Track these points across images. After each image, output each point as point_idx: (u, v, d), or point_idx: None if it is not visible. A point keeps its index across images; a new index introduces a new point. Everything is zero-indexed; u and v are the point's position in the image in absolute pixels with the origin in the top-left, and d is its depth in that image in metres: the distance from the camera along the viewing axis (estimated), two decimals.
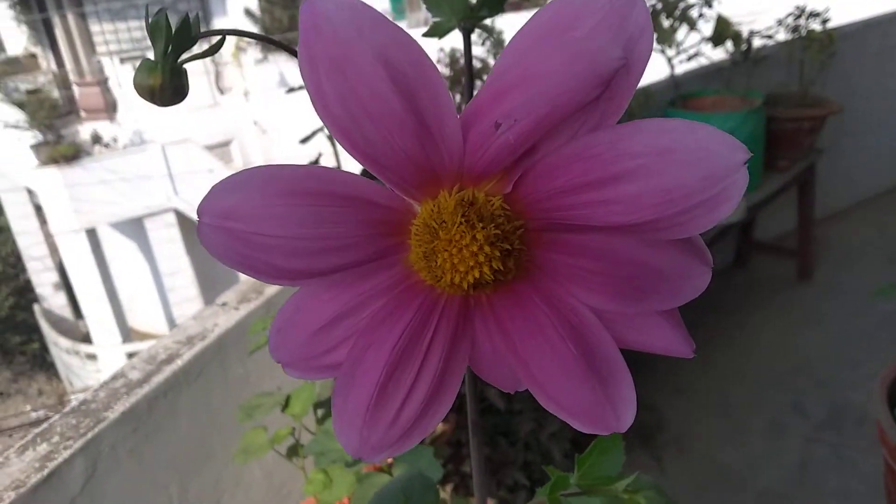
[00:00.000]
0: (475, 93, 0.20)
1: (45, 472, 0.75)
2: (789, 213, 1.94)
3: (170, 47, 0.28)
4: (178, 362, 0.91)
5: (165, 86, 0.27)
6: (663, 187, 0.18)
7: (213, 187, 0.20)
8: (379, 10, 0.18)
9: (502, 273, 0.21)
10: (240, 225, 0.20)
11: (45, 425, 0.83)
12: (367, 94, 0.19)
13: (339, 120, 0.19)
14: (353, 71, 0.18)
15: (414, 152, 0.20)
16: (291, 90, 1.02)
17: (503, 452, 1.16)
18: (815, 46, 1.68)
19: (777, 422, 1.58)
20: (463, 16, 0.32)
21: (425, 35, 0.33)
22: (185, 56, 0.29)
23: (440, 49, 1.35)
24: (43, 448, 0.79)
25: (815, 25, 1.69)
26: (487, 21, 0.33)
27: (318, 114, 0.19)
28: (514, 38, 0.19)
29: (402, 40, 0.19)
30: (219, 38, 0.30)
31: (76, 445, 0.78)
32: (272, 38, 0.28)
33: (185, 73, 0.29)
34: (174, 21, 0.26)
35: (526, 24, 0.19)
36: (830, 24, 1.72)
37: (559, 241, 0.21)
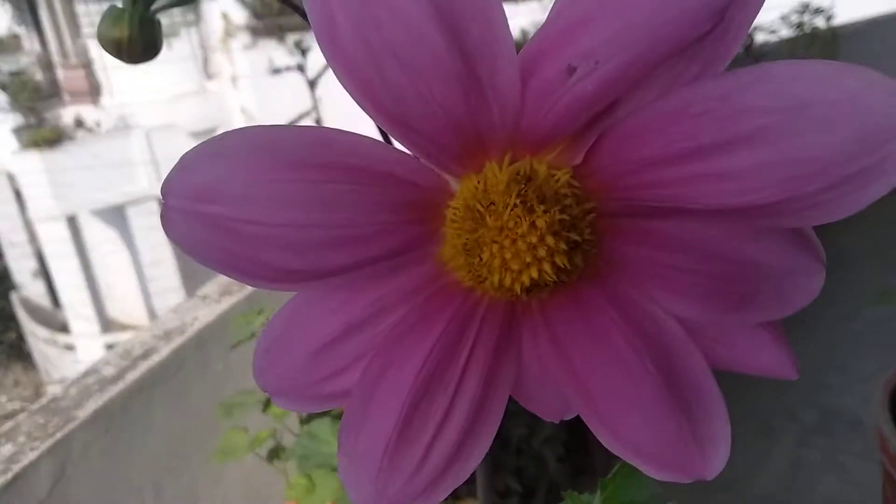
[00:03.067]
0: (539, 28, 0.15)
1: (10, 474, 0.71)
2: None
3: None
4: (155, 358, 0.86)
5: (134, 38, 0.23)
6: (797, 156, 0.13)
7: (183, 157, 0.15)
8: None
9: (566, 272, 0.16)
10: (220, 209, 0.15)
11: (9, 424, 0.78)
12: (396, 24, 0.13)
13: (355, 63, 0.14)
14: None
15: (455, 109, 0.14)
16: (277, 71, 0.97)
17: (494, 457, 1.12)
18: (818, 44, 1.66)
19: (769, 427, 1.56)
20: None
21: None
22: (157, 4, 0.24)
23: None
24: (7, 449, 0.74)
25: (819, 22, 1.67)
26: None
27: (326, 55, 0.14)
28: None
29: None
30: None
31: (44, 446, 0.75)
32: None
33: (157, 24, 0.24)
34: None
35: None
36: (835, 22, 1.70)
37: (638, 229, 0.16)
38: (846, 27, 1.83)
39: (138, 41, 0.23)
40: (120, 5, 0.23)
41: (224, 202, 0.15)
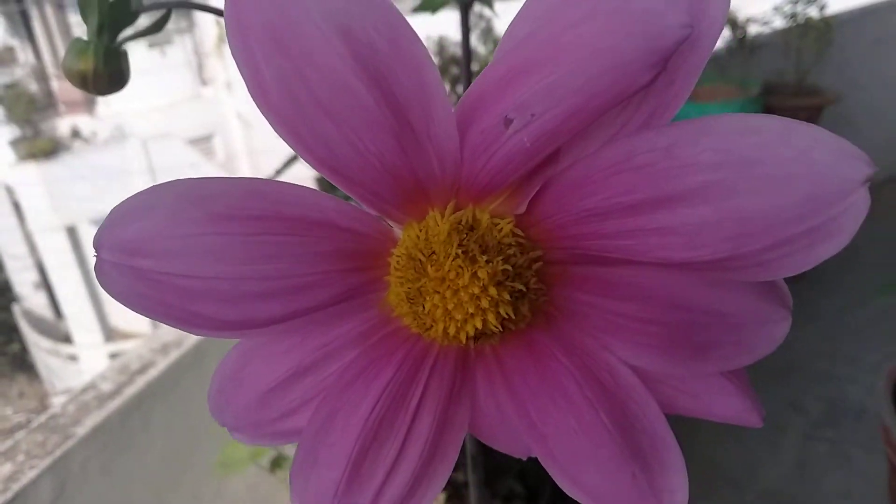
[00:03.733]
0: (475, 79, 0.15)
1: (9, 494, 0.71)
2: None
3: (104, 24, 0.23)
4: (153, 372, 0.86)
5: (100, 71, 0.23)
6: (743, 215, 0.13)
7: (113, 210, 0.15)
8: None
9: (512, 321, 0.16)
10: (149, 262, 0.14)
11: (8, 443, 0.78)
12: (321, 78, 0.13)
13: (284, 116, 0.14)
14: (299, 46, 0.13)
15: (391, 159, 0.14)
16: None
17: (498, 460, 1.12)
18: (812, 34, 1.65)
19: (775, 419, 1.55)
20: None
21: (417, 10, 0.27)
22: (123, 35, 0.24)
23: (426, 37, 1.29)
24: (7, 468, 0.74)
25: (813, 12, 1.66)
26: None
27: (258, 106, 0.14)
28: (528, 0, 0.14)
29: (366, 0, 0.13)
30: (163, 12, 0.25)
31: (43, 465, 0.74)
32: (218, 9, 0.23)
33: (124, 55, 0.24)
34: None
35: None
36: (828, 12, 1.69)
37: (591, 276, 0.16)
38: (839, 16, 1.82)
39: (104, 73, 0.23)
40: (85, 38, 0.23)
41: (152, 256, 0.15)
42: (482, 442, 0.19)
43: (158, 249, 0.14)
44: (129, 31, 0.24)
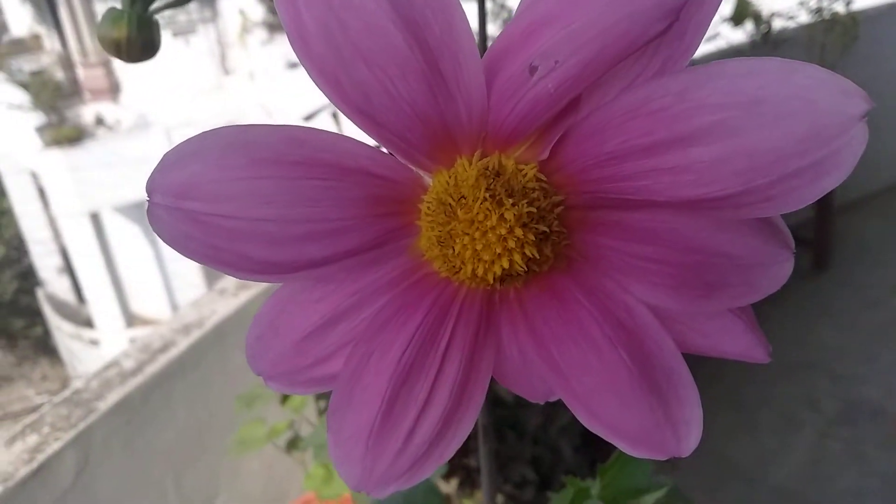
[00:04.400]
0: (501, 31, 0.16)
1: (35, 464, 0.73)
2: None
3: None
4: (174, 351, 0.88)
5: (132, 39, 0.24)
6: (750, 150, 0.14)
7: (164, 156, 0.15)
8: None
9: (537, 262, 0.17)
10: (198, 205, 0.15)
11: (34, 416, 0.80)
12: (360, 25, 0.14)
13: (323, 63, 0.15)
14: None
15: (422, 105, 0.15)
16: (295, 66, 0.98)
17: (511, 446, 1.12)
18: (837, 29, 1.63)
19: (790, 417, 1.55)
20: None
21: None
22: (156, 5, 0.25)
23: None
24: (32, 439, 0.76)
25: (839, 7, 1.64)
26: None
27: (297, 54, 0.15)
28: None
29: None
30: None
31: (67, 437, 0.76)
32: None
33: (155, 24, 0.25)
34: None
35: None
36: (854, 7, 1.67)
37: (609, 221, 0.17)
38: (866, 12, 1.80)
39: (137, 41, 0.24)
40: (119, 7, 0.24)
41: (201, 199, 0.16)
42: (504, 386, 0.20)
43: (207, 192, 0.15)
44: (160, 2, 0.25)
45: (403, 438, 0.18)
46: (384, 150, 0.17)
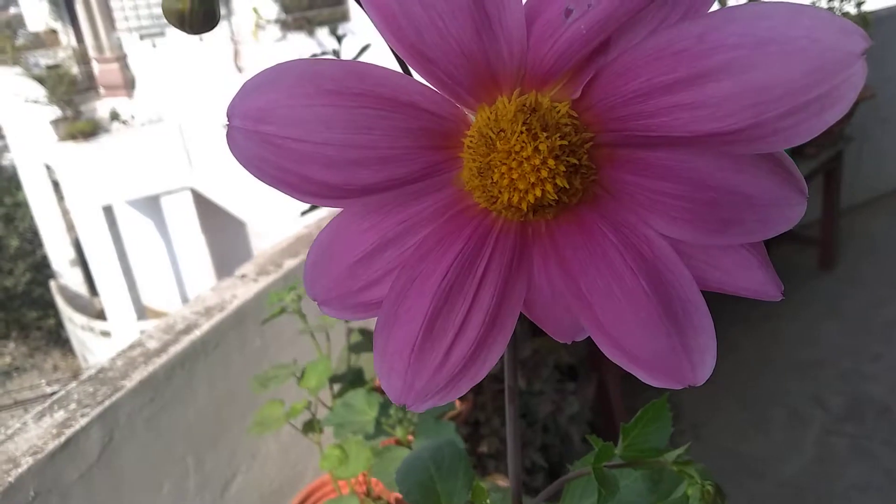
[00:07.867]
0: None
1: (63, 438, 0.74)
2: (814, 201, 1.89)
3: None
4: (197, 332, 0.90)
5: (195, 9, 0.26)
6: (759, 85, 0.15)
7: (244, 84, 0.18)
8: None
9: (567, 193, 0.18)
10: (272, 128, 0.18)
11: (61, 392, 0.82)
12: None
13: (383, 5, 0.17)
14: None
15: (468, 43, 0.17)
16: (315, 56, 1.00)
17: (521, 433, 1.14)
18: None
19: (797, 413, 1.56)
20: None
21: None
22: None
23: None
24: (60, 415, 0.78)
25: (850, 7, 1.64)
26: None
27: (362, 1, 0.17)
28: None
29: None
30: None
31: (93, 413, 0.78)
32: None
33: None
34: None
35: None
36: (865, 7, 1.67)
37: (633, 158, 0.18)
38: (877, 12, 1.80)
39: (199, 11, 0.26)
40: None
41: (275, 123, 0.18)
42: (533, 322, 0.22)
43: (280, 117, 0.17)
44: None
45: (442, 356, 0.20)
46: (432, 87, 0.19)
